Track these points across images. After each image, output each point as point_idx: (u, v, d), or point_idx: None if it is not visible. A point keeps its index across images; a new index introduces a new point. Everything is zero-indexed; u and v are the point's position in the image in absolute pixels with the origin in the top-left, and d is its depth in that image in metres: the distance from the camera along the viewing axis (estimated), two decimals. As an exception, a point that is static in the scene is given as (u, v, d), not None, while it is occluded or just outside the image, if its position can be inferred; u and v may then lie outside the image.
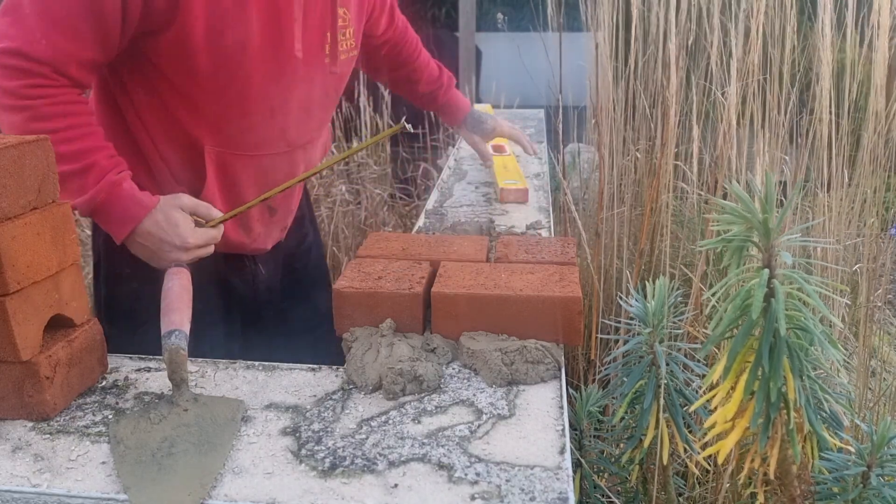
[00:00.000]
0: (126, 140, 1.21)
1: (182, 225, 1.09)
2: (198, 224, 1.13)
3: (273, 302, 1.50)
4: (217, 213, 1.16)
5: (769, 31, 1.86)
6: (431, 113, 3.79)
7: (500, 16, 2.84)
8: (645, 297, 0.97)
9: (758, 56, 1.80)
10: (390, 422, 0.83)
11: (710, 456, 0.81)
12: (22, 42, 1.02)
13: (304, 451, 0.77)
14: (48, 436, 0.81)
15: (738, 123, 1.85)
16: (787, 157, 1.98)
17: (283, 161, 1.31)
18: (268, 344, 1.57)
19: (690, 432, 1.00)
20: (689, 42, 1.99)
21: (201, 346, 1.34)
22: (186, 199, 1.12)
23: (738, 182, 1.88)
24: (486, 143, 1.82)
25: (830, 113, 1.78)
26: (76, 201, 1.07)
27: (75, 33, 1.04)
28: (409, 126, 1.15)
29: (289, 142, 1.29)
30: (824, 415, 0.83)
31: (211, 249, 1.15)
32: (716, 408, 0.78)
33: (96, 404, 0.87)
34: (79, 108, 1.09)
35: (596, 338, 1.84)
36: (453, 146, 2.46)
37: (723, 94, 1.85)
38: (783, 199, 1.80)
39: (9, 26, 1.03)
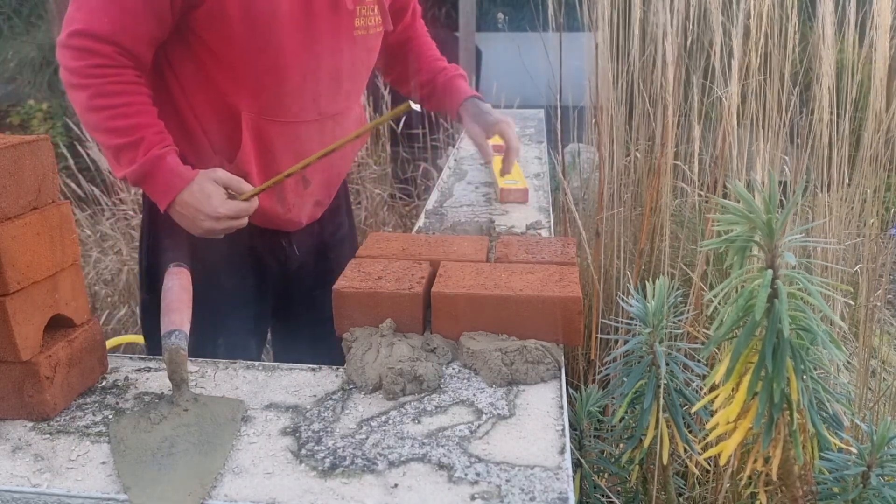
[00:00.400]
0: (171, 114, 1.30)
1: (214, 196, 1.18)
2: (230, 197, 1.21)
3: (304, 286, 1.54)
4: (249, 188, 1.22)
5: (769, 30, 1.86)
6: (432, 113, 3.80)
7: (500, 16, 2.84)
8: (645, 297, 0.97)
9: (756, 56, 1.80)
10: (390, 422, 0.83)
11: (710, 456, 0.81)
12: (86, 23, 1.14)
13: (304, 451, 0.77)
14: (48, 436, 0.81)
15: (738, 123, 1.85)
16: (786, 157, 1.98)
17: (315, 129, 1.36)
18: (293, 330, 1.61)
19: (690, 432, 1.00)
20: (689, 42, 1.99)
21: (230, 322, 1.41)
22: (221, 173, 1.20)
23: (738, 182, 1.87)
24: (489, 138, 1.78)
25: (831, 113, 1.78)
26: (126, 171, 1.17)
27: (134, 10, 1.16)
28: (416, 105, 1.16)
29: (320, 110, 1.35)
30: (825, 415, 0.83)
31: (244, 221, 1.23)
32: (718, 409, 0.77)
33: (96, 404, 0.87)
34: (136, 88, 1.19)
35: (596, 338, 1.84)
36: (453, 146, 2.46)
37: (722, 94, 1.85)
38: (783, 199, 1.79)
39: (76, 10, 1.16)
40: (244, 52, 1.25)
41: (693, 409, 0.87)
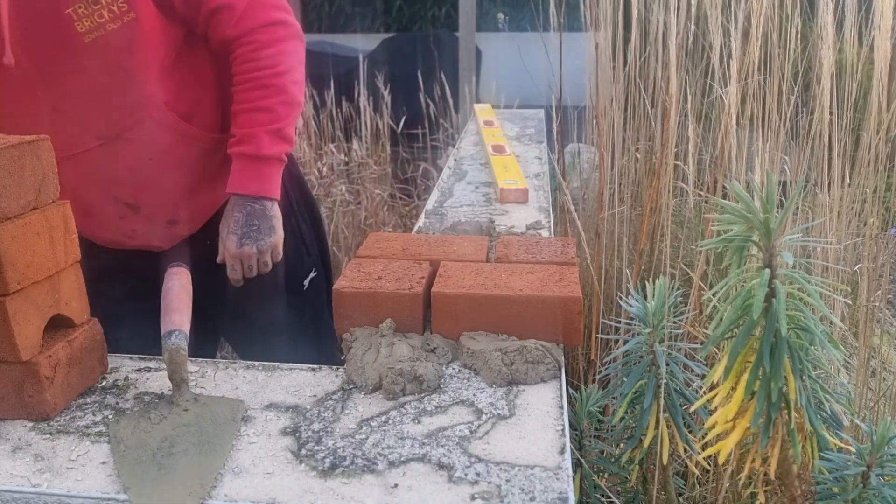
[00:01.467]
0: None
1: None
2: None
3: (227, 296, 1.38)
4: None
5: (769, 30, 1.86)
6: (432, 113, 3.79)
7: (500, 16, 2.84)
8: (645, 297, 0.97)
9: (756, 56, 1.80)
10: (390, 422, 0.83)
11: (710, 456, 0.81)
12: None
13: (304, 451, 0.77)
14: (48, 436, 0.81)
15: (737, 123, 1.85)
16: (786, 157, 1.98)
17: (102, 155, 1.22)
18: (245, 338, 1.51)
19: (690, 432, 1.00)
20: (689, 42, 1.99)
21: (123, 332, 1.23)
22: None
23: (738, 182, 1.88)
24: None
25: (831, 113, 1.78)
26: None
27: None
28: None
29: (98, 135, 1.20)
30: (824, 415, 0.83)
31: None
32: (716, 408, 0.78)
33: (96, 404, 0.87)
34: None
35: (596, 338, 1.84)
36: (453, 146, 2.46)
37: (722, 94, 1.85)
38: (783, 199, 1.80)
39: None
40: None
41: (692, 409, 0.87)
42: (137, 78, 1.20)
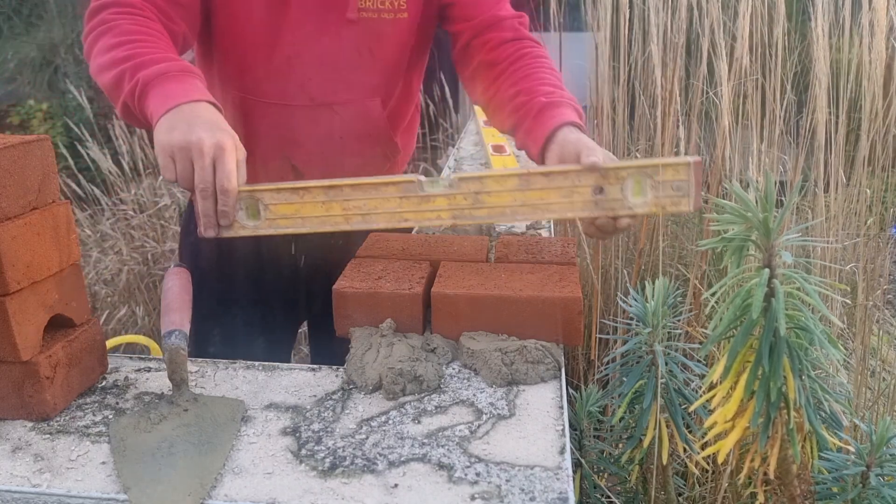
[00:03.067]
0: None
1: (226, 129, 0.99)
2: None
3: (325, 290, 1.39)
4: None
5: (762, 31, 1.87)
6: (432, 113, 3.78)
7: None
8: (644, 297, 0.97)
9: (747, 58, 1.80)
10: (390, 422, 0.83)
11: (709, 456, 0.81)
12: None
13: (304, 451, 0.77)
14: (48, 436, 0.81)
15: (737, 123, 1.85)
16: (786, 157, 1.98)
17: (304, 115, 1.29)
18: (325, 334, 1.51)
19: (690, 432, 1.00)
20: (681, 43, 1.99)
21: (247, 324, 1.37)
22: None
23: (736, 182, 1.88)
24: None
25: (830, 113, 1.79)
26: (141, 73, 1.02)
27: None
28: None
29: (310, 96, 1.28)
30: (824, 414, 0.83)
31: (223, 186, 0.96)
32: (716, 407, 0.78)
33: (96, 404, 0.87)
34: (163, 35, 1.11)
35: (596, 338, 1.84)
36: (453, 146, 2.46)
37: (715, 94, 1.86)
38: (782, 199, 1.80)
39: None
40: (230, 30, 1.22)
41: (691, 408, 0.87)
42: (376, 66, 1.30)
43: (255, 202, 1.01)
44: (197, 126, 0.95)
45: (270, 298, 1.46)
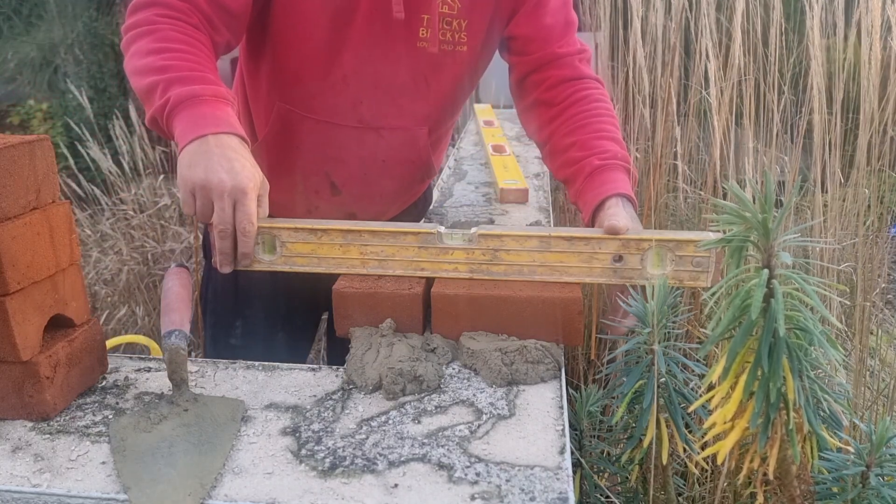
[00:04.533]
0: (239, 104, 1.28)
1: (249, 164, 0.97)
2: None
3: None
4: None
5: (756, 31, 1.87)
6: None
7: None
8: (644, 297, 0.97)
9: (738, 59, 1.80)
10: (390, 422, 0.83)
11: (709, 456, 0.81)
12: None
13: (304, 451, 0.77)
14: (48, 436, 0.81)
15: (736, 123, 1.86)
16: (784, 157, 1.98)
17: (350, 136, 1.28)
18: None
19: (690, 432, 1.00)
20: (674, 42, 1.99)
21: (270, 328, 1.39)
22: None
23: (735, 182, 1.88)
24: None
25: (830, 113, 1.79)
26: (172, 93, 1.00)
27: None
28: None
29: (360, 118, 1.27)
30: (823, 415, 0.83)
31: (243, 226, 0.96)
32: (715, 408, 0.78)
33: (96, 404, 0.87)
34: (205, 47, 1.08)
35: (596, 338, 1.84)
36: (453, 146, 2.46)
37: (707, 94, 1.86)
38: (780, 198, 1.80)
39: None
40: (286, 40, 1.20)
41: (690, 409, 0.87)
42: (430, 96, 1.28)
43: (273, 238, 1.02)
44: (218, 166, 0.93)
45: (291, 296, 1.46)
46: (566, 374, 0.97)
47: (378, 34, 1.20)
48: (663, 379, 0.96)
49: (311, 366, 0.96)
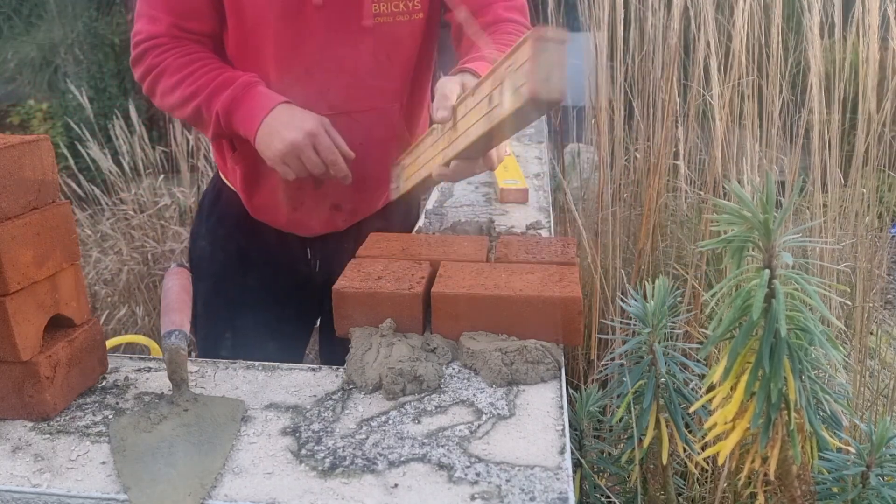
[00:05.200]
0: None
1: (309, 117, 1.18)
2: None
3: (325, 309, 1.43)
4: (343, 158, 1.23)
5: (757, 33, 1.87)
6: (430, 113, 3.78)
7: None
8: (644, 297, 0.97)
9: (739, 60, 1.80)
10: (390, 422, 0.83)
11: (709, 456, 0.81)
12: (142, 25, 1.23)
13: (304, 451, 0.77)
14: (48, 436, 0.81)
15: (738, 124, 1.86)
16: (784, 157, 1.98)
17: None
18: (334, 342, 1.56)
19: (690, 432, 1.00)
20: (674, 42, 1.99)
21: (263, 325, 1.42)
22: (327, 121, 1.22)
23: (736, 181, 1.88)
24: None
25: (829, 113, 1.79)
26: (219, 106, 1.19)
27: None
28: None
29: (330, 105, 1.29)
30: (824, 415, 0.83)
31: (332, 162, 1.21)
32: (716, 408, 0.78)
33: (96, 404, 0.87)
34: (203, 50, 1.24)
35: (596, 338, 1.84)
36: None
37: (709, 95, 1.86)
38: (780, 198, 1.80)
39: (135, 22, 1.25)
40: (246, 41, 1.25)
41: (691, 409, 0.87)
42: (394, 71, 1.32)
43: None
44: (284, 132, 1.15)
45: (286, 298, 1.47)
46: (566, 374, 0.97)
47: (329, 20, 1.23)
48: (663, 379, 0.96)
49: (311, 366, 0.96)
